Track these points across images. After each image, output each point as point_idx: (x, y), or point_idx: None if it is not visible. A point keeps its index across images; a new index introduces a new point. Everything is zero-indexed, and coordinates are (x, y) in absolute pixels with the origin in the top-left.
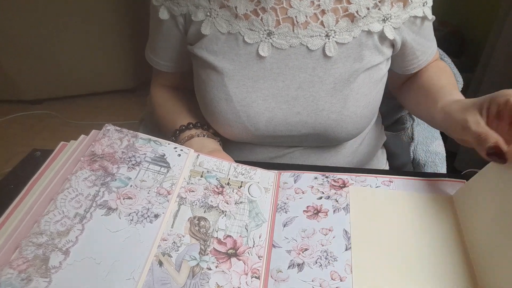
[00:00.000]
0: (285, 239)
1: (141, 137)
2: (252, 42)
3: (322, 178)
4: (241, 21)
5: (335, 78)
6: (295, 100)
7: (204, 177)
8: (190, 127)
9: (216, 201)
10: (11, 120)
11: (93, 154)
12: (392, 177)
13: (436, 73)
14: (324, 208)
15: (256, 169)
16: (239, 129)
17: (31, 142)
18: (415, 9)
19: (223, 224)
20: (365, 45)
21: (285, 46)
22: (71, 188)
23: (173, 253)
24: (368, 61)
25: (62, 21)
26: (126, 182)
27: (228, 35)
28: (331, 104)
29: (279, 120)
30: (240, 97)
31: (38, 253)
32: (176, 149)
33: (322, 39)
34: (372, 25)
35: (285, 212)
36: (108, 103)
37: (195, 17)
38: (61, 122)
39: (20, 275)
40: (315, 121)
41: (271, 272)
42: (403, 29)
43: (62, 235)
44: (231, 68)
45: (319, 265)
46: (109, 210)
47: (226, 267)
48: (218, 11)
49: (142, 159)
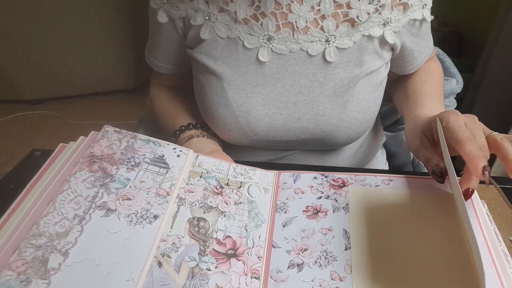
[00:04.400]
0: (284, 239)
1: (140, 138)
2: (252, 47)
3: (321, 178)
4: (240, 25)
5: (335, 84)
6: (295, 106)
7: (203, 177)
8: (190, 127)
9: (215, 202)
10: (11, 120)
11: (92, 155)
12: (391, 176)
13: (421, 78)
14: (323, 208)
15: (255, 169)
16: (238, 134)
17: (31, 142)
18: (415, 12)
19: (222, 225)
20: (365, 50)
21: (285, 51)
22: (70, 190)
23: (173, 254)
24: (368, 66)
25: (62, 22)
26: (125, 183)
27: (228, 39)
28: (331, 109)
29: (278, 126)
30: (240, 103)
31: (37, 254)
32: (175, 150)
33: (322, 44)
34: (373, 30)
35: (285, 212)
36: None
37: (194, 21)
38: (61, 122)
39: (19, 277)
40: (315, 126)
41: (271, 272)
42: (403, 33)
43: (61, 237)
44: (230, 73)
45: (319, 265)
46: (108, 211)
47: (226, 268)
48: (217, 16)
49: (141, 160)
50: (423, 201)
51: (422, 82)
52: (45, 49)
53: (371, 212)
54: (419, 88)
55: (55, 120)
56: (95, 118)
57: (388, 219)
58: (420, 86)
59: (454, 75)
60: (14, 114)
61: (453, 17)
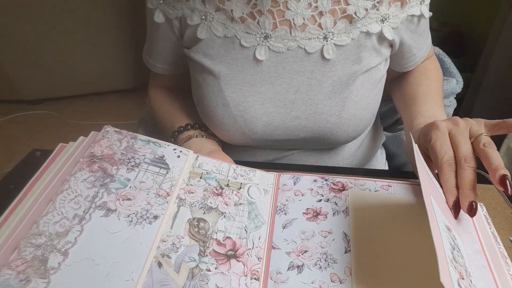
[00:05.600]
0: (284, 241)
1: (140, 139)
2: (249, 45)
3: (321, 181)
4: (237, 24)
5: (334, 81)
6: (293, 104)
7: (203, 178)
8: (188, 128)
9: (215, 203)
10: (11, 120)
11: (92, 155)
12: (391, 182)
13: (416, 79)
14: (323, 210)
15: (255, 170)
16: (236, 133)
17: (31, 142)
18: (412, 8)
19: (222, 226)
20: (364, 46)
21: (282, 49)
22: (70, 189)
23: (172, 255)
24: (366, 62)
25: (62, 21)
26: (125, 183)
27: (224, 38)
28: (330, 107)
29: (277, 124)
30: (237, 102)
31: (37, 254)
32: (175, 151)
33: (320, 42)
34: (371, 26)
35: (285, 214)
36: (108, 103)
37: (190, 20)
38: (61, 122)
39: (19, 276)
40: (314, 124)
41: (271, 273)
42: (401, 29)
43: (61, 236)
44: (227, 73)
45: (319, 267)
46: (108, 211)
47: (226, 269)
48: (213, 15)
49: (141, 160)
50: (422, 207)
51: (416, 86)
52: (45, 49)
53: (371, 216)
54: (414, 92)
55: (55, 120)
56: (95, 118)
57: (387, 224)
58: (415, 90)
59: (454, 75)
60: (14, 114)
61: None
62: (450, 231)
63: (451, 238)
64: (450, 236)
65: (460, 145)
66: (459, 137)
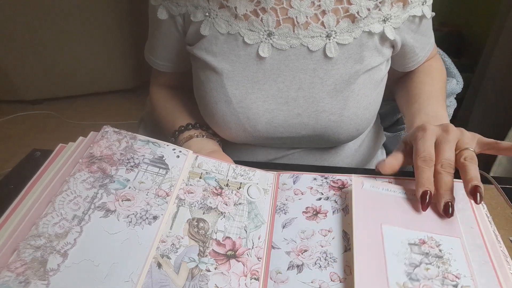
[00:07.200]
0: (284, 240)
1: (139, 139)
2: (252, 42)
3: (321, 179)
4: (240, 21)
5: (336, 79)
6: (295, 101)
7: (203, 178)
8: (189, 127)
9: (215, 203)
10: (11, 120)
11: (92, 156)
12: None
13: (420, 78)
14: (323, 209)
15: (255, 170)
16: (238, 130)
17: (31, 142)
18: (414, 9)
19: (222, 226)
20: (366, 46)
21: (285, 46)
22: (69, 190)
23: (172, 255)
24: (368, 62)
25: (62, 21)
26: (125, 183)
27: (228, 35)
28: (332, 105)
29: (279, 122)
30: (240, 99)
31: (36, 255)
32: (174, 151)
33: (322, 40)
34: (373, 26)
35: (284, 213)
36: (108, 103)
37: (194, 17)
38: (61, 122)
39: (18, 278)
40: (315, 122)
41: (271, 273)
42: (403, 29)
43: (60, 238)
44: (230, 69)
45: (319, 266)
46: (108, 212)
47: (225, 269)
48: (217, 12)
49: (141, 160)
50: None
51: (421, 84)
52: (45, 49)
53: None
54: (418, 90)
55: (55, 120)
56: (95, 118)
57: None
58: (419, 89)
59: (454, 75)
60: (14, 114)
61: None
62: (424, 243)
63: (420, 254)
64: (421, 250)
65: (442, 152)
66: (444, 144)
